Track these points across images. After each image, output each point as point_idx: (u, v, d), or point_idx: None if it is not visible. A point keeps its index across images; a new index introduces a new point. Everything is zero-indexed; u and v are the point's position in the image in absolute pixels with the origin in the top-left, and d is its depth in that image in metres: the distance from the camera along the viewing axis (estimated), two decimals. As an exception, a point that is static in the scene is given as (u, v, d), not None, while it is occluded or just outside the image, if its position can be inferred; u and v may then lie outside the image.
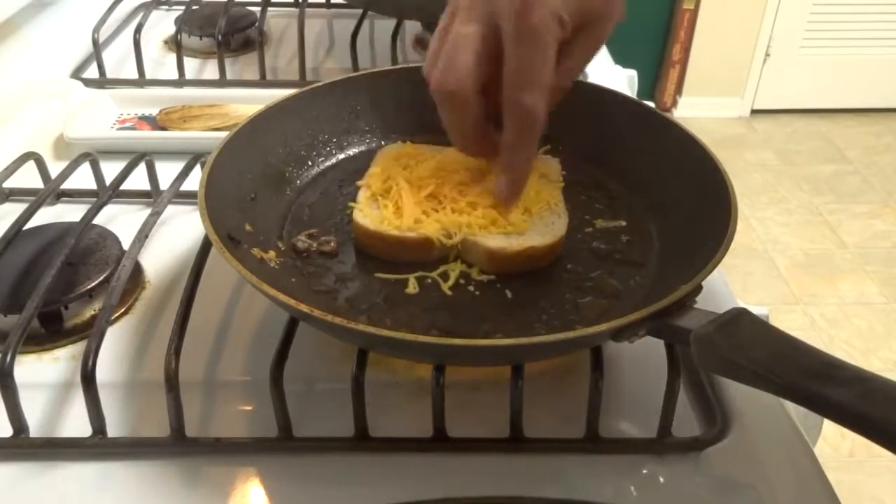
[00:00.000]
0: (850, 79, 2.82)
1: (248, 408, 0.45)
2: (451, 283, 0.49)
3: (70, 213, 0.60)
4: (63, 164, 0.59)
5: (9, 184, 0.60)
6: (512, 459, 0.43)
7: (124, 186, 0.57)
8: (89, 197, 0.59)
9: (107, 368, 0.44)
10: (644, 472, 0.42)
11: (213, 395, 0.46)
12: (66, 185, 0.59)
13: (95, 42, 0.81)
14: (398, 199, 0.52)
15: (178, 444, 0.42)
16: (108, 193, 0.56)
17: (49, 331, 0.49)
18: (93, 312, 0.50)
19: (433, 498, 0.39)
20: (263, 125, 0.55)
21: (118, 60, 0.85)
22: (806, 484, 0.42)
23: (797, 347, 0.35)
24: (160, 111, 0.74)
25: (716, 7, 2.66)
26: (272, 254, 0.49)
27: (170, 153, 0.65)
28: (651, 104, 0.59)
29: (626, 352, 0.48)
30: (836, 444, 1.11)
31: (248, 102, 0.74)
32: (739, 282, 2.07)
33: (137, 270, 0.54)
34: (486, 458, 0.43)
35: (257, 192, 0.53)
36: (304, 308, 0.39)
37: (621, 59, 0.93)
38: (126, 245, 0.51)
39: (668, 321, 0.39)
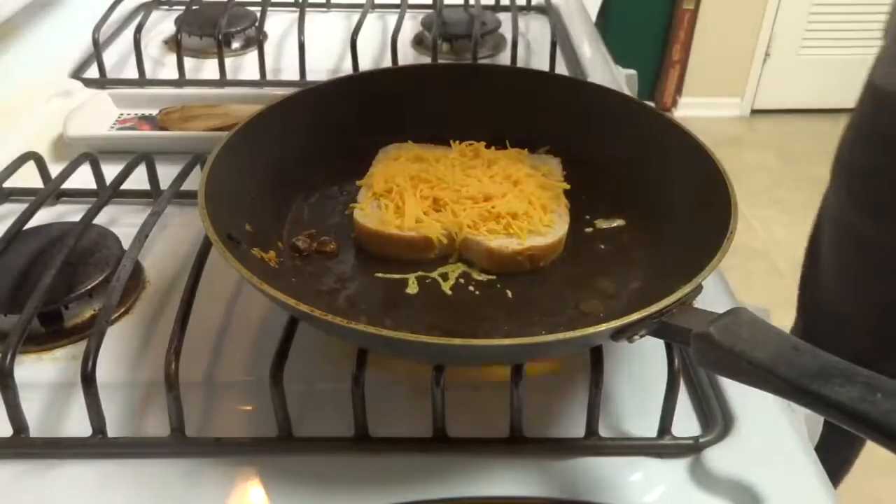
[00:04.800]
0: (850, 79, 2.80)
1: (248, 408, 0.45)
2: (451, 283, 0.49)
3: (70, 213, 0.60)
4: (63, 164, 0.59)
5: (9, 184, 0.60)
6: (512, 459, 0.43)
7: (124, 186, 0.57)
8: (89, 197, 0.59)
9: (107, 368, 0.44)
10: (644, 472, 0.42)
11: (213, 395, 0.46)
12: (66, 185, 0.59)
13: (95, 42, 0.81)
14: (399, 198, 0.52)
15: (178, 444, 0.42)
16: (108, 193, 0.56)
17: (49, 331, 0.49)
18: (93, 312, 0.50)
19: (433, 498, 0.39)
20: (263, 125, 0.55)
21: (118, 60, 0.85)
22: (806, 484, 0.42)
23: (797, 347, 0.35)
24: (160, 111, 0.74)
25: (716, 7, 2.66)
26: (272, 254, 0.49)
27: (170, 153, 0.65)
28: (651, 104, 0.59)
29: (626, 352, 0.48)
30: (836, 444, 1.11)
31: (248, 102, 0.74)
32: (739, 282, 2.06)
33: (137, 270, 0.54)
34: (486, 458, 0.43)
35: (257, 192, 0.53)
36: (304, 308, 0.39)
37: (621, 59, 0.93)
38: (126, 245, 0.51)
39: (668, 321, 0.39)
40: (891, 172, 0.78)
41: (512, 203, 0.51)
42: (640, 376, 0.47)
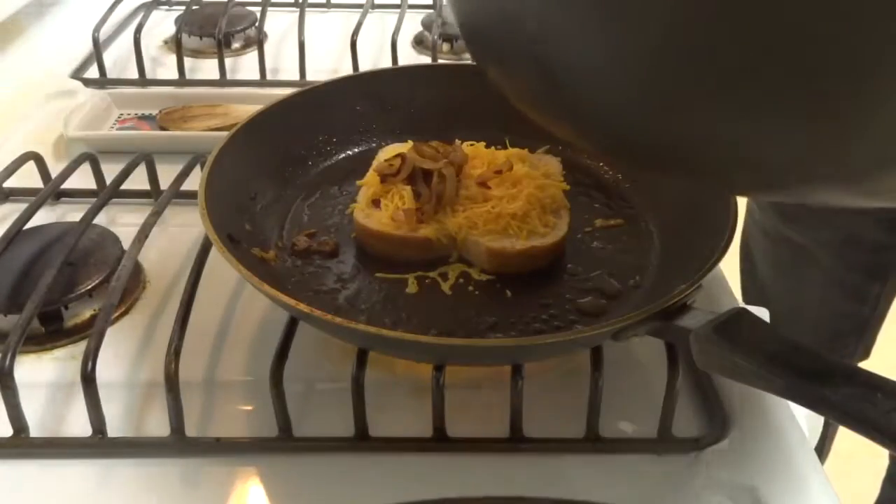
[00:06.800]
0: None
1: (248, 408, 0.45)
2: (451, 282, 0.49)
3: (70, 213, 0.60)
4: (63, 164, 0.59)
5: (9, 184, 0.60)
6: (512, 459, 0.43)
7: (124, 186, 0.57)
8: (89, 197, 0.59)
9: (107, 368, 0.44)
10: (644, 472, 0.42)
11: (213, 395, 0.46)
12: (66, 185, 0.59)
13: (96, 42, 0.81)
14: (399, 198, 0.52)
15: (178, 444, 0.42)
16: (108, 193, 0.56)
17: (49, 331, 0.49)
18: (93, 312, 0.50)
19: (433, 498, 0.39)
20: (263, 125, 0.55)
21: (118, 60, 0.85)
22: (806, 484, 0.42)
23: (797, 347, 0.35)
24: (160, 111, 0.74)
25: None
26: (272, 254, 0.49)
27: (170, 153, 0.64)
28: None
29: (626, 352, 0.48)
30: (836, 444, 1.11)
31: (248, 102, 0.74)
32: (739, 282, 2.06)
33: (137, 270, 0.54)
34: (486, 458, 0.43)
35: (257, 192, 0.53)
36: (304, 308, 0.39)
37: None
38: (126, 245, 0.51)
39: (668, 321, 0.39)
40: None
41: (512, 203, 0.51)
42: (640, 376, 0.47)
